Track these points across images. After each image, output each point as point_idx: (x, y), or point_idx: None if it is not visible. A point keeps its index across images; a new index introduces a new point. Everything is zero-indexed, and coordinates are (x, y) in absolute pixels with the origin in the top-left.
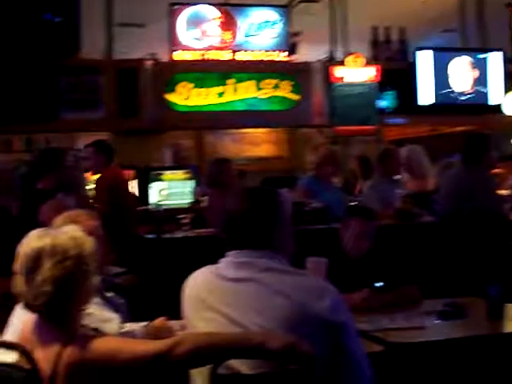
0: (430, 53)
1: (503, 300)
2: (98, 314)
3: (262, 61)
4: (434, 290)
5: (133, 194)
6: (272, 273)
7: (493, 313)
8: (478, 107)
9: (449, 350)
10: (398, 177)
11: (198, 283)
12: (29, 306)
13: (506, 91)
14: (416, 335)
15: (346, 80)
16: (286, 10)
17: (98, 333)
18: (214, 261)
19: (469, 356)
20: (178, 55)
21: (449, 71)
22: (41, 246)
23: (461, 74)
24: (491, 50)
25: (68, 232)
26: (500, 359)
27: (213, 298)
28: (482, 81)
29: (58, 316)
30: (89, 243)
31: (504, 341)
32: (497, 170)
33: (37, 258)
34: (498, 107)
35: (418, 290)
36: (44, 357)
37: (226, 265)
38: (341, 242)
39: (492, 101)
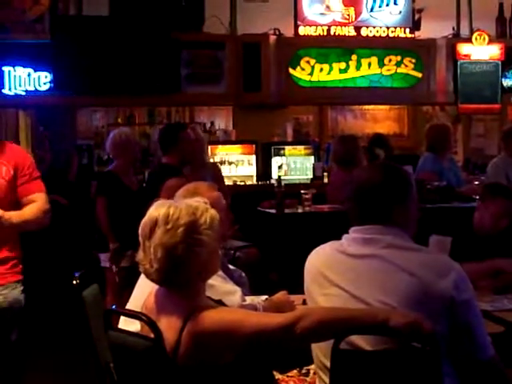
0: None
1: None
2: (221, 286)
3: (385, 37)
4: None
5: None
6: (395, 249)
7: None
8: None
9: None
10: None
11: (321, 259)
12: (147, 274)
13: None
14: None
15: (473, 58)
16: None
17: (221, 305)
18: (334, 237)
19: None
20: (303, 30)
21: None
22: (157, 214)
23: None
24: None
25: (187, 202)
26: None
27: (335, 273)
28: None
29: (178, 285)
30: (207, 214)
31: None
32: None
33: (152, 226)
34: None
35: None
36: (168, 326)
37: (350, 241)
38: (473, 219)
39: None
